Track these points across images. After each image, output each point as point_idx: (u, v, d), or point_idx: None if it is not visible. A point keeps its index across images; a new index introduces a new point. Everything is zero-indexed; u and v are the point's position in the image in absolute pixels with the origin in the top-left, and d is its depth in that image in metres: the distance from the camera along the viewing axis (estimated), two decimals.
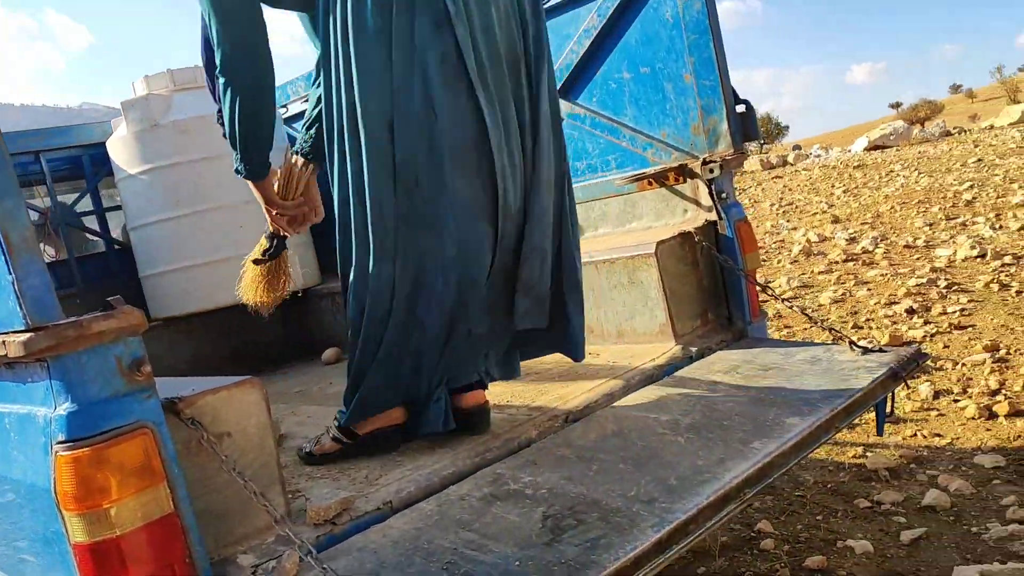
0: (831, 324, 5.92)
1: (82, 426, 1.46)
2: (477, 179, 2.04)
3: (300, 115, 4.03)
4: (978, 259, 6.77)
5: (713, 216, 2.70)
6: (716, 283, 2.75)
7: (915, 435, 4.03)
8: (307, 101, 2.58)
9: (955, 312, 5.59)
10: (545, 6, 2.68)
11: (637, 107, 2.93)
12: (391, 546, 1.69)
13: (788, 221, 11.08)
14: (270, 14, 2.18)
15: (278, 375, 3.75)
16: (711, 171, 2.65)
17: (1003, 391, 4.27)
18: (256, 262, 2.49)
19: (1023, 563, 2.92)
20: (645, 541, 1.58)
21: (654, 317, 2.64)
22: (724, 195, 2.68)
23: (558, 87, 3.14)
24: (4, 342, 1.43)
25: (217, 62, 2.07)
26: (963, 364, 4.68)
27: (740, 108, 2.71)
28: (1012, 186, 9.87)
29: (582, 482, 1.85)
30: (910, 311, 5.78)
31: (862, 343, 2.43)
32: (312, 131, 2.32)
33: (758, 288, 2.64)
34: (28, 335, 1.40)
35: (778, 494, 3.68)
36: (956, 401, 4.28)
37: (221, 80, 2.08)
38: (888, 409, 2.36)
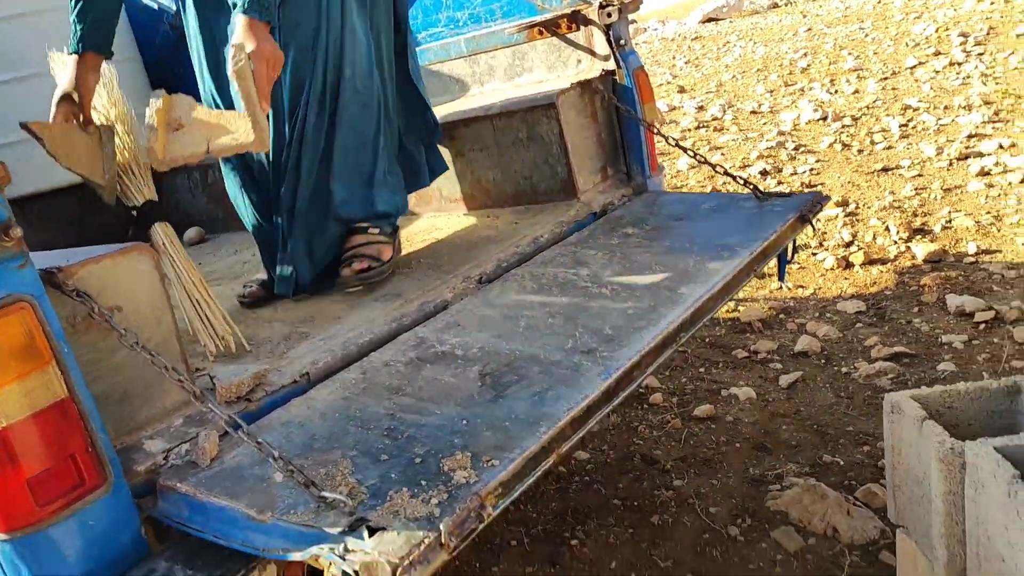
0: (694, 188, 6.06)
1: None
2: None
3: None
4: (820, 121, 7.05)
5: (610, 65, 2.58)
6: (614, 137, 2.65)
7: (780, 288, 4.21)
8: None
9: (805, 172, 5.82)
10: None
11: None
12: (319, 418, 1.55)
13: None
14: None
15: None
16: (609, 15, 2.51)
17: (856, 242, 4.50)
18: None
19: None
20: (594, 390, 1.51)
21: (555, 174, 2.53)
22: (622, 42, 2.55)
23: None
24: None
25: None
26: (818, 220, 4.88)
27: None
28: (842, 53, 10.27)
29: (513, 339, 1.75)
30: (763, 172, 5.97)
31: (764, 189, 2.43)
32: None
33: (661, 138, 2.57)
34: None
35: None
36: (815, 254, 4.49)
37: None
38: (788, 255, 2.39)
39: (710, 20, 20.76)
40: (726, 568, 2.39)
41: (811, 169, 5.84)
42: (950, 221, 4.48)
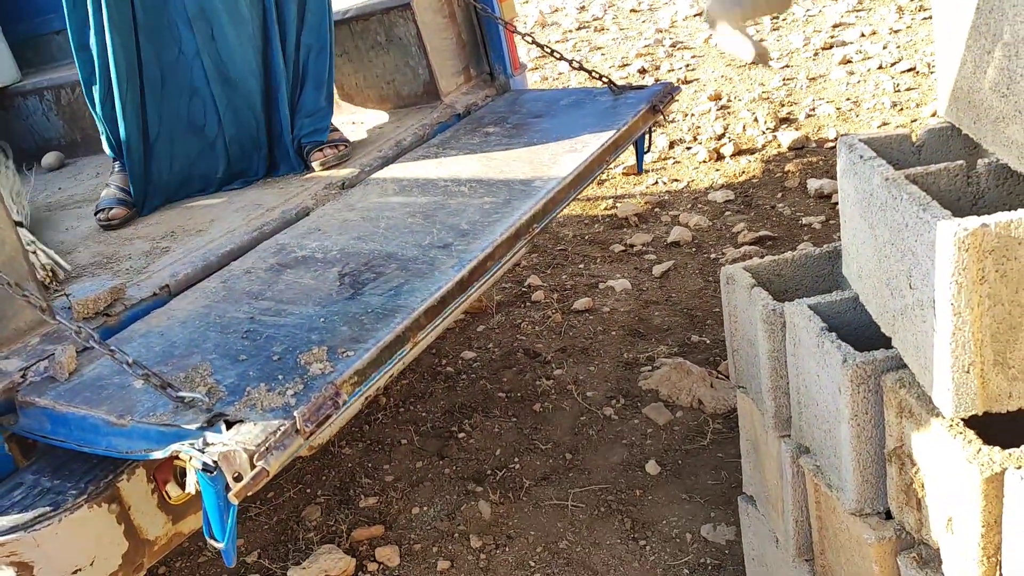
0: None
1: None
2: None
3: None
4: (696, 17, 7.14)
5: None
6: (475, 37, 2.67)
7: (656, 183, 4.35)
8: None
9: (681, 68, 5.92)
10: None
11: None
12: (179, 326, 1.57)
13: None
14: None
15: None
16: None
17: (727, 135, 4.66)
18: None
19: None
20: (447, 280, 1.58)
21: (416, 76, 2.54)
22: None
23: None
24: None
25: None
26: (692, 115, 5.03)
27: None
28: None
29: (373, 239, 1.80)
30: (642, 71, 6.05)
31: (619, 84, 2.50)
32: None
33: (517, 36, 2.60)
34: None
35: (543, 251, 3.87)
36: (689, 148, 4.63)
37: None
38: (646, 146, 2.49)
39: None
40: (601, 445, 2.55)
41: (687, 65, 5.95)
42: (814, 109, 4.67)
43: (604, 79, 2.49)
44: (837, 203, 3.71)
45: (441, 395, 2.98)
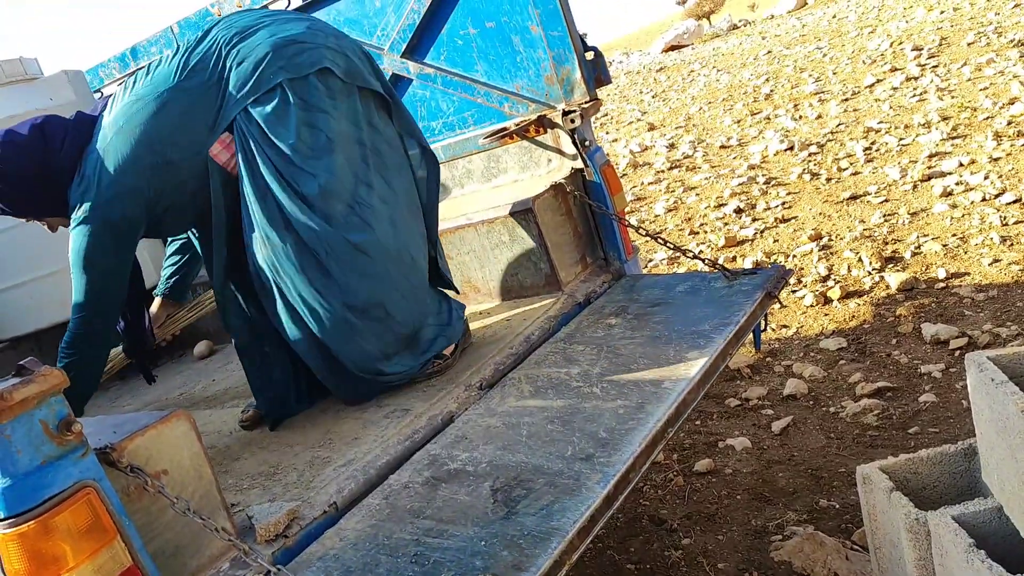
0: (674, 239, 6.26)
1: (21, 500, 1.39)
2: None
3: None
4: (787, 151, 7.29)
5: (579, 164, 2.79)
6: (589, 228, 2.86)
7: (765, 330, 4.39)
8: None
9: (777, 206, 6.03)
10: None
11: (488, 62, 2.95)
12: (351, 549, 1.72)
13: (607, 133, 11.41)
14: None
15: None
16: (572, 120, 2.73)
17: (832, 276, 4.70)
18: None
19: (875, 431, 3.32)
20: (595, 499, 1.69)
21: (538, 270, 2.73)
22: (587, 142, 2.77)
23: (403, 48, 3.11)
24: None
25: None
26: (794, 256, 5.10)
27: (589, 55, 2.78)
28: (802, 75, 10.58)
29: (518, 450, 1.93)
30: (738, 211, 6.19)
31: (732, 268, 2.62)
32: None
33: (631, 229, 2.78)
34: None
35: None
36: (794, 291, 4.69)
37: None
38: (763, 326, 2.58)
39: (672, 48, 21.14)
40: None
41: (783, 203, 6.06)
42: (919, 247, 4.68)
43: (718, 266, 2.62)
44: (955, 349, 3.69)
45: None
